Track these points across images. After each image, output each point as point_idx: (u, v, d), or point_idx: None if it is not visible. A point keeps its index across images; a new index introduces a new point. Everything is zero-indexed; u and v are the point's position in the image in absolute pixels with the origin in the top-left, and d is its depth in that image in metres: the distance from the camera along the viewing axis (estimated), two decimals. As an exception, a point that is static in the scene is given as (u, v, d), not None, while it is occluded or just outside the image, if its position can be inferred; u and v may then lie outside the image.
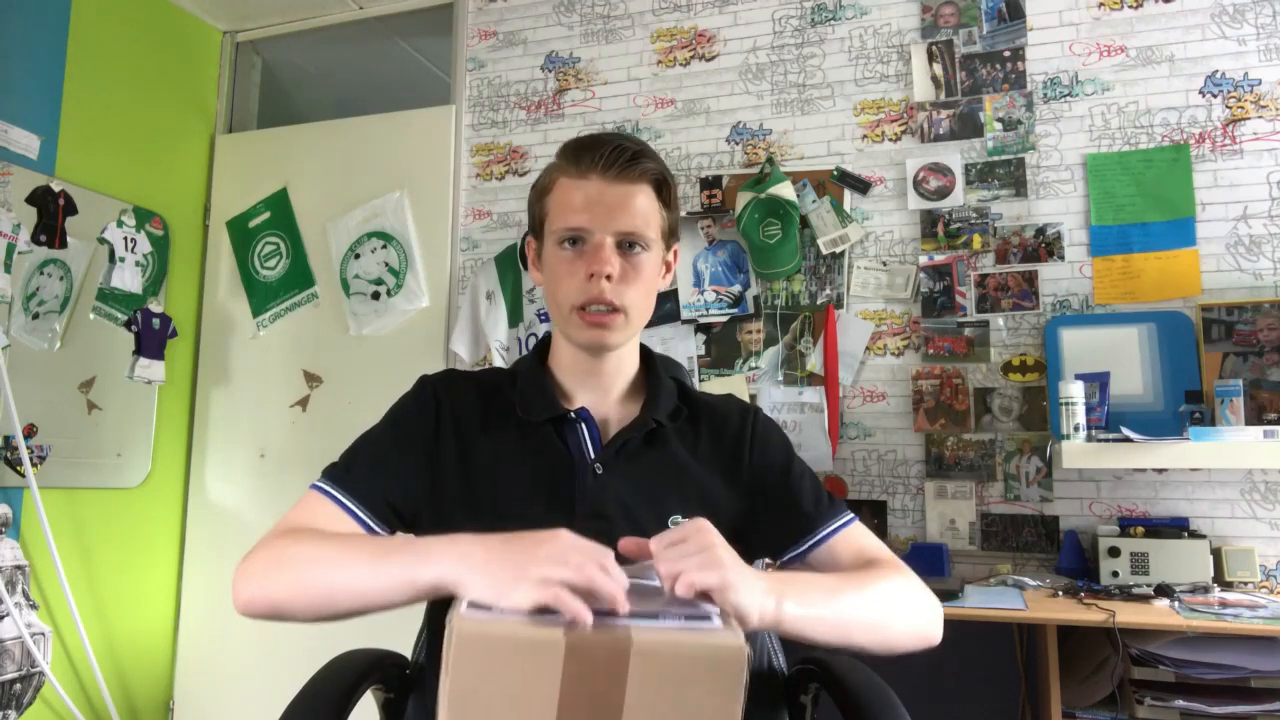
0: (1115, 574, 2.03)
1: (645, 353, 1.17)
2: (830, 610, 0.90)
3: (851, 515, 1.10)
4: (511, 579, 0.74)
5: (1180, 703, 1.71)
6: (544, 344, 1.19)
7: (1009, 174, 2.41)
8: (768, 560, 1.14)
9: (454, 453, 1.07)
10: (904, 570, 1.03)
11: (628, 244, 1.04)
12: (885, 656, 0.96)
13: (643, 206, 1.04)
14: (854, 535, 1.08)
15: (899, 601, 0.98)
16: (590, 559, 0.75)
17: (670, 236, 1.10)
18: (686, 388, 1.17)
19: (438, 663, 0.71)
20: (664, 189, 1.07)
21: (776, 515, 1.09)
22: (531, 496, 1.03)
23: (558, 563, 0.74)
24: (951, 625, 1.03)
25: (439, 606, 0.90)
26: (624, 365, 1.12)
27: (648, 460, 1.08)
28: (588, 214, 1.02)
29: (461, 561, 0.79)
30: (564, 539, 0.78)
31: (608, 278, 1.01)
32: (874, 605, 0.95)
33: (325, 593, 0.87)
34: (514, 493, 1.04)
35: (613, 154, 1.03)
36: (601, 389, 1.11)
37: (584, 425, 1.08)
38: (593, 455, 1.06)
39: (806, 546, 1.06)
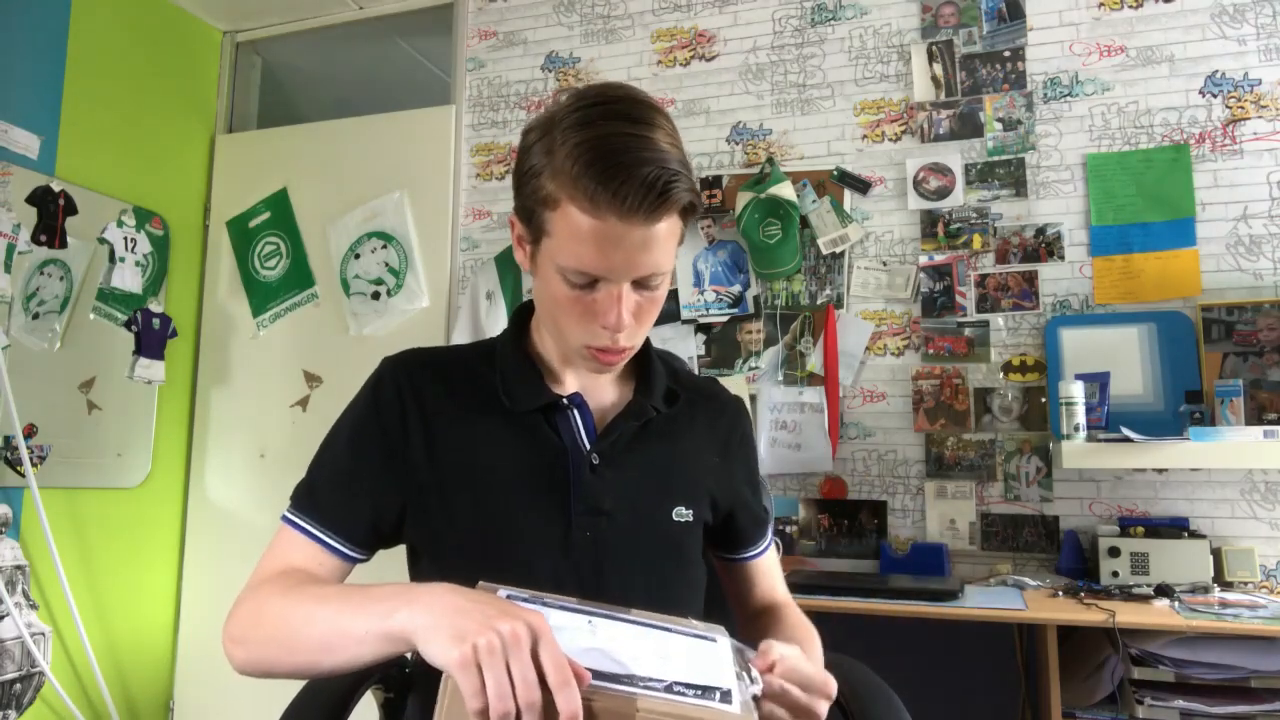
0: (1115, 574, 2.03)
1: None
2: None
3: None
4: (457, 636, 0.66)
5: (1180, 703, 1.71)
6: (522, 316, 1.06)
7: (1009, 174, 2.41)
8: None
9: (423, 453, 0.96)
10: None
11: (645, 281, 0.89)
12: None
13: (666, 238, 0.87)
14: (772, 556, 1.15)
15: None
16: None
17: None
18: (674, 368, 1.14)
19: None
20: (691, 208, 0.89)
21: (742, 515, 1.11)
22: (520, 494, 0.96)
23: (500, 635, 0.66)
24: (952, 625, 1.03)
25: None
26: None
27: (647, 449, 1.02)
28: (603, 261, 0.85)
29: (425, 611, 0.71)
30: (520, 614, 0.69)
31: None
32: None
33: (308, 653, 0.81)
34: (497, 491, 0.95)
35: (639, 193, 0.81)
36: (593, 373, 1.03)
37: (576, 412, 0.99)
38: (588, 445, 0.98)
39: (752, 554, 1.12)
